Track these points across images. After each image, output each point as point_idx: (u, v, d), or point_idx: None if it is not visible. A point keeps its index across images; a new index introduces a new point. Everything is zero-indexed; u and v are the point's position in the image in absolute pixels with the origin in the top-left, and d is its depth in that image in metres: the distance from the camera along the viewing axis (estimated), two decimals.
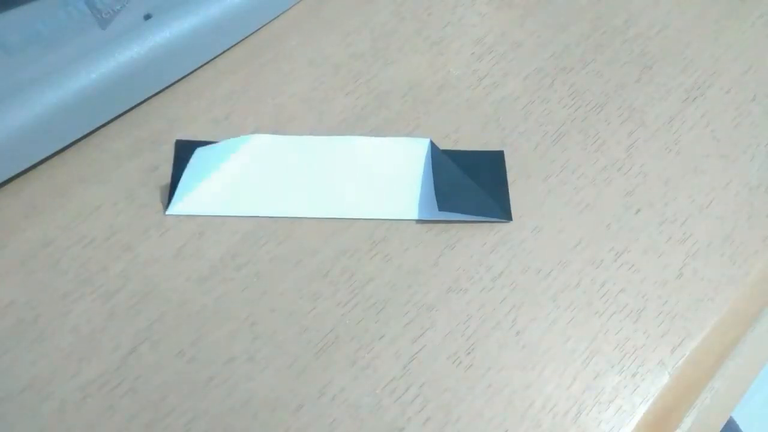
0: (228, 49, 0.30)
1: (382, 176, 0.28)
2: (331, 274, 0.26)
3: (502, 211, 0.27)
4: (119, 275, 0.25)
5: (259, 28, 0.31)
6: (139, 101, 0.28)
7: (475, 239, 0.27)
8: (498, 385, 0.24)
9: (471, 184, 0.27)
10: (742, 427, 0.47)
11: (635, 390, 0.25)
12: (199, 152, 0.25)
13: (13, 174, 0.26)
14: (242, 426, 0.23)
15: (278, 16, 0.31)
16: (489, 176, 0.28)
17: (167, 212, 0.26)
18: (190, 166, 0.26)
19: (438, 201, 0.27)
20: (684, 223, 0.28)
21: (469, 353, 0.25)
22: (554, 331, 0.25)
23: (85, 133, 0.27)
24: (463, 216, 0.27)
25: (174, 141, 0.28)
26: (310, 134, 0.28)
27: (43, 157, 0.26)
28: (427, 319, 0.25)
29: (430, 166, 0.28)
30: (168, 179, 0.27)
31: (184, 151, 0.27)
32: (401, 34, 0.31)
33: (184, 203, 0.26)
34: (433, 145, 0.28)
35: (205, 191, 0.27)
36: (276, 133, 0.28)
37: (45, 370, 0.23)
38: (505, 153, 0.29)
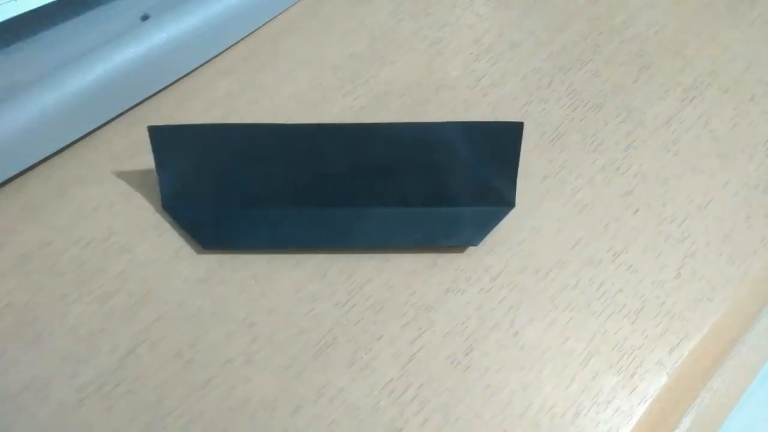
0: (226, 50, 0.30)
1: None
2: (329, 274, 0.26)
3: (504, 201, 0.27)
4: (117, 276, 0.25)
5: (257, 29, 0.31)
6: (137, 101, 0.28)
7: None
8: (496, 385, 0.24)
9: (469, 176, 0.26)
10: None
11: (634, 390, 0.25)
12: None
13: (12, 174, 0.26)
14: (240, 427, 0.23)
15: (276, 17, 0.31)
16: (499, 153, 0.26)
17: (164, 207, 0.26)
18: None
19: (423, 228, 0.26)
20: (682, 223, 0.28)
21: (467, 354, 0.25)
22: (552, 332, 0.25)
23: (84, 133, 0.27)
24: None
25: None
26: None
27: (41, 157, 0.26)
28: (426, 319, 0.25)
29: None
30: None
31: (160, 139, 0.25)
32: (399, 35, 0.31)
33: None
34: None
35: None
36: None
37: (43, 371, 0.23)
38: None
